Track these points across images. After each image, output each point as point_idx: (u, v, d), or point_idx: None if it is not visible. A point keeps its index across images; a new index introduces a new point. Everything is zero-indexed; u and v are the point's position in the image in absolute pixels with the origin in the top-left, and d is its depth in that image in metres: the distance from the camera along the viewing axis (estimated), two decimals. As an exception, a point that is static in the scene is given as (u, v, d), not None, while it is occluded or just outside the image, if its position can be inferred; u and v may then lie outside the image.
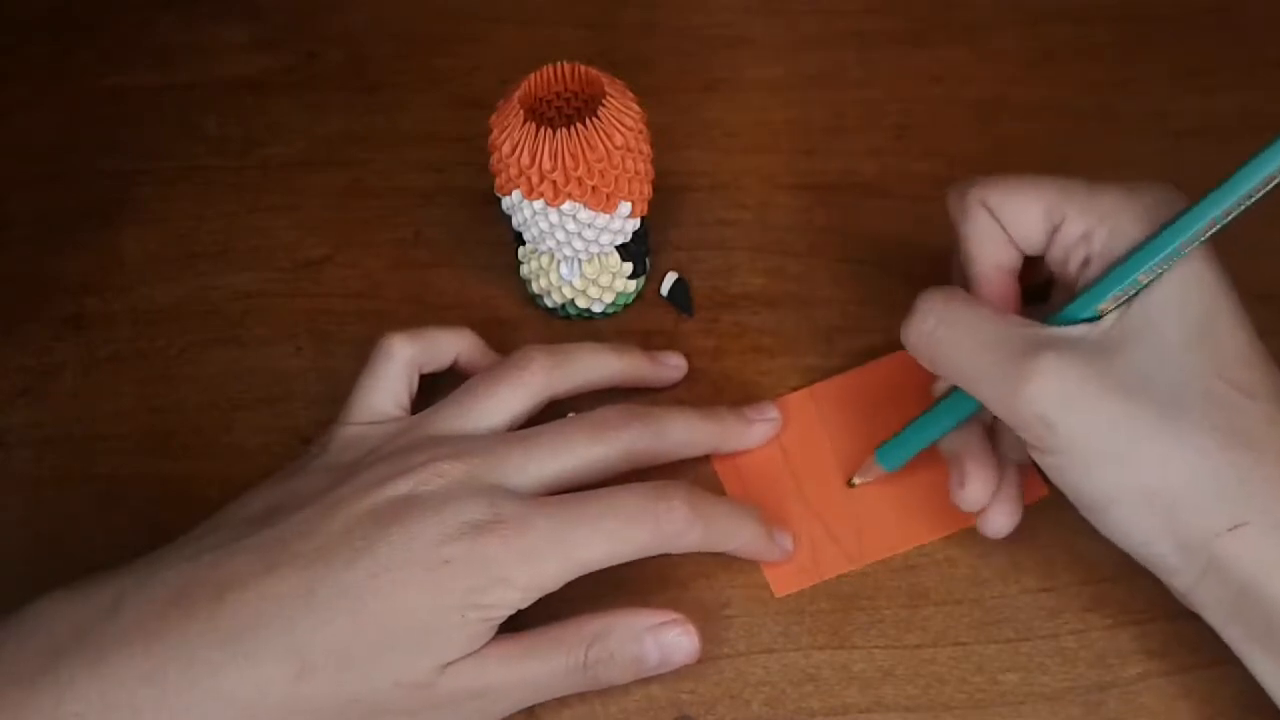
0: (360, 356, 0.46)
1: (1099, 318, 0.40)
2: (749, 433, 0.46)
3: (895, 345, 0.49)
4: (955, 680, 0.42)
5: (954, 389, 0.43)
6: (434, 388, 0.46)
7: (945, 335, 0.41)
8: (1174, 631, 0.42)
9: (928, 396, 0.45)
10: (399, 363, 0.45)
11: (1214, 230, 0.39)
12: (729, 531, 0.42)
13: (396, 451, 0.42)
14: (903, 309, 0.49)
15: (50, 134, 0.57)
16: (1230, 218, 0.38)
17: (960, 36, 0.59)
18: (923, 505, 0.45)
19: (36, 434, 0.48)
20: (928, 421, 0.44)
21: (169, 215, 0.54)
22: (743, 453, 0.47)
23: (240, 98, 0.58)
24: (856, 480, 0.46)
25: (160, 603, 0.38)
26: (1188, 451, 0.38)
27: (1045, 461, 0.40)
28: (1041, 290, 0.45)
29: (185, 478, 0.47)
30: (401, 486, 0.40)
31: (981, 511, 0.43)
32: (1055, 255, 0.42)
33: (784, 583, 0.44)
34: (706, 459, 0.47)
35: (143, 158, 0.56)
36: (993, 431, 0.44)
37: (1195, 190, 0.39)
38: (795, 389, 0.48)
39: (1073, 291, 0.41)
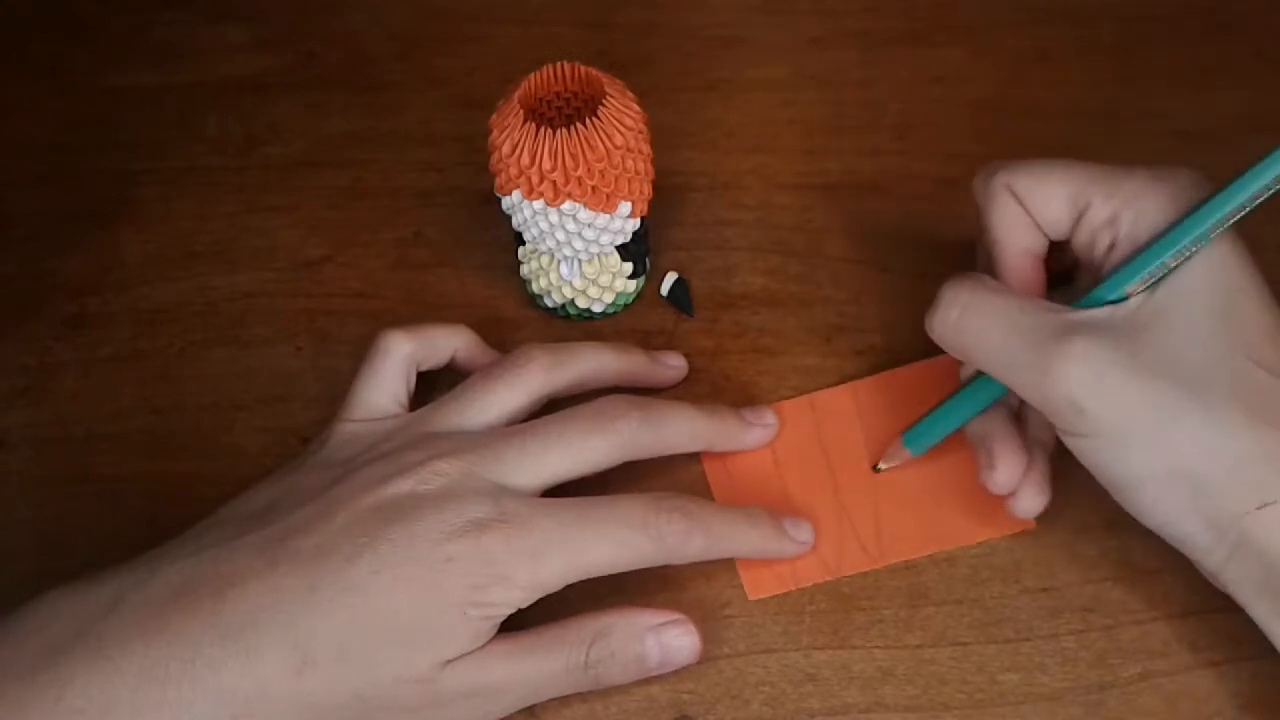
0: (360, 356, 0.46)
1: (1125, 300, 0.40)
2: (746, 435, 0.46)
3: (895, 345, 0.49)
4: (955, 680, 0.42)
5: (979, 372, 0.43)
6: (432, 385, 0.46)
7: (972, 324, 0.41)
8: (1174, 631, 0.42)
9: (925, 411, 0.45)
10: (397, 359, 0.45)
11: (1241, 215, 0.39)
12: (733, 536, 0.42)
13: (394, 449, 0.42)
14: (902, 309, 0.50)
15: (50, 134, 0.57)
16: (1257, 202, 0.38)
17: (960, 36, 0.59)
18: (908, 523, 0.45)
19: (36, 434, 0.48)
20: (954, 406, 0.44)
21: (169, 215, 0.54)
22: (733, 453, 0.46)
23: (240, 98, 0.58)
24: (883, 465, 0.46)
25: (161, 600, 0.38)
26: (1215, 430, 0.38)
27: (1075, 445, 0.40)
28: (1065, 276, 0.45)
29: (185, 478, 0.47)
30: (402, 485, 0.40)
31: (1011, 494, 0.43)
32: (1081, 239, 0.42)
33: (758, 586, 0.44)
34: (695, 458, 0.46)
35: (143, 158, 0.56)
36: (1019, 414, 0.44)
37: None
38: (795, 389, 0.48)
39: (1098, 276, 0.41)
